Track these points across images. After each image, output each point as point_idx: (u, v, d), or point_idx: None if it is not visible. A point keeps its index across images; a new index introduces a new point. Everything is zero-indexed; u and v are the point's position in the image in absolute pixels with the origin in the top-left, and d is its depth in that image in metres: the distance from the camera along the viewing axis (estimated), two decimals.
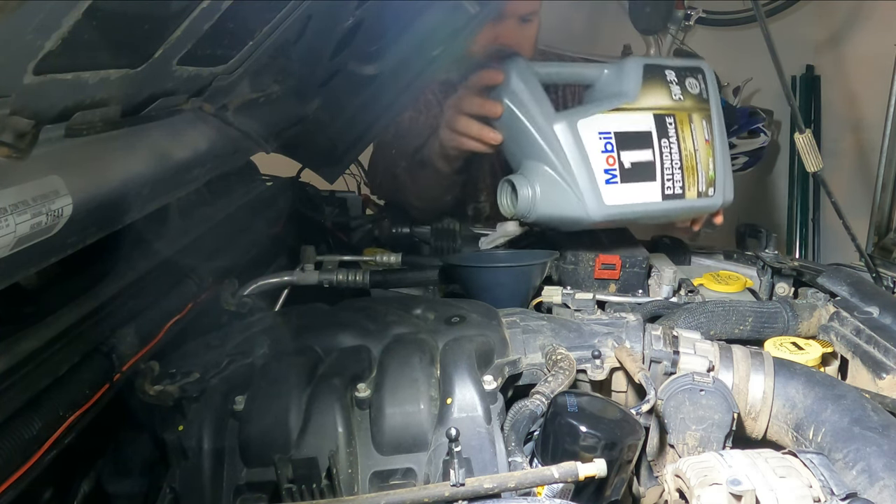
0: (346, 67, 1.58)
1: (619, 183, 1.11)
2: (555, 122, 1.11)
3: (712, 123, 1.21)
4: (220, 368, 0.85)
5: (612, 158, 1.10)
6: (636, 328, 0.93)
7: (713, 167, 1.20)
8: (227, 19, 0.80)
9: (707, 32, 3.25)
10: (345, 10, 1.25)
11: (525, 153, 1.16)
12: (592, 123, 1.11)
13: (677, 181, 1.15)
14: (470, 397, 0.77)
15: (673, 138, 1.15)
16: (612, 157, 1.10)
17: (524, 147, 1.15)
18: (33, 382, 0.71)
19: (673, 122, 1.16)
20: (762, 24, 1.24)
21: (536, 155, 1.13)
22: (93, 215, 0.74)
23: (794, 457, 0.71)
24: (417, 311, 0.98)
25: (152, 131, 0.90)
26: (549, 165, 1.10)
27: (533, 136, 1.12)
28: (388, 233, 1.66)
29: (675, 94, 1.18)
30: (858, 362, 0.98)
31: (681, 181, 1.16)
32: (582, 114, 1.12)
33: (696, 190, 1.17)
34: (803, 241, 3.39)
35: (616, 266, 1.22)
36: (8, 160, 0.60)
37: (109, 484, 0.87)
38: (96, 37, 0.60)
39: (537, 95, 1.14)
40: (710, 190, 1.19)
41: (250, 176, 1.70)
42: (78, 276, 0.91)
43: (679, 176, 1.16)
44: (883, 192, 2.16)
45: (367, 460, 0.76)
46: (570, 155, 1.09)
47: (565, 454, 0.73)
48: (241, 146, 1.21)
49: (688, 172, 1.16)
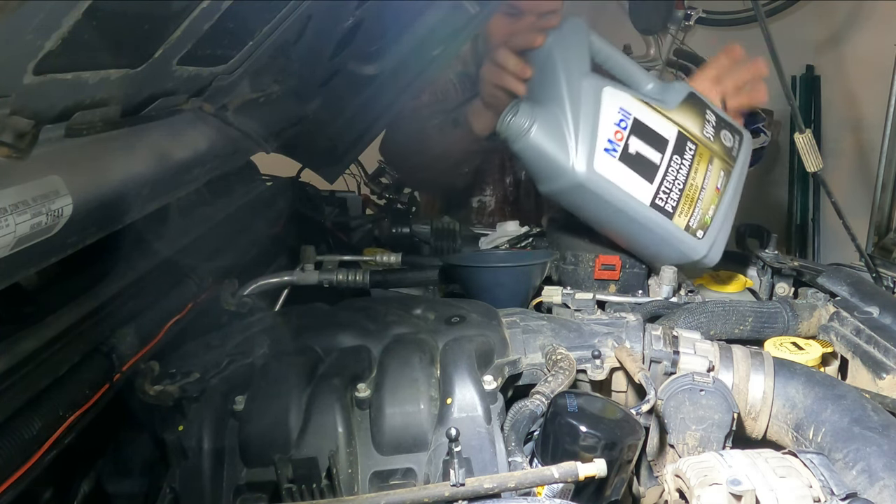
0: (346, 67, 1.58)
1: (616, 159, 1.09)
2: (584, 77, 1.13)
3: (729, 180, 1.19)
4: (220, 368, 0.85)
5: (620, 134, 1.10)
6: (636, 328, 0.93)
7: (712, 215, 1.16)
8: (227, 19, 0.80)
9: (707, 32, 3.25)
10: (345, 10, 1.25)
11: (544, 96, 1.16)
12: (619, 97, 1.12)
13: (672, 199, 1.12)
14: (470, 397, 0.77)
15: (686, 162, 1.13)
16: (620, 134, 1.10)
17: (546, 90, 1.17)
18: (33, 382, 0.71)
19: (693, 150, 1.14)
20: (762, 24, 1.24)
21: (553, 99, 1.13)
22: (93, 215, 0.74)
23: (794, 457, 0.71)
24: (417, 311, 0.98)
25: (152, 131, 0.90)
26: (561, 112, 1.11)
27: (559, 82, 1.13)
28: (388, 233, 1.66)
29: (708, 132, 1.17)
30: (858, 362, 0.98)
31: (675, 202, 1.12)
32: (613, 85, 1.14)
33: (686, 221, 1.13)
34: (803, 241, 3.39)
35: (616, 266, 1.22)
36: (8, 160, 0.60)
37: (109, 484, 0.87)
38: (96, 37, 0.60)
39: (580, 51, 1.16)
40: (699, 232, 1.15)
41: (250, 176, 1.70)
42: (78, 276, 0.91)
43: (676, 197, 1.12)
44: (883, 192, 2.16)
45: (367, 460, 0.76)
46: (583, 109, 1.10)
47: (565, 454, 0.73)
48: (241, 146, 1.21)
49: (685, 200, 1.13)
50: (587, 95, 1.11)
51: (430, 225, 1.61)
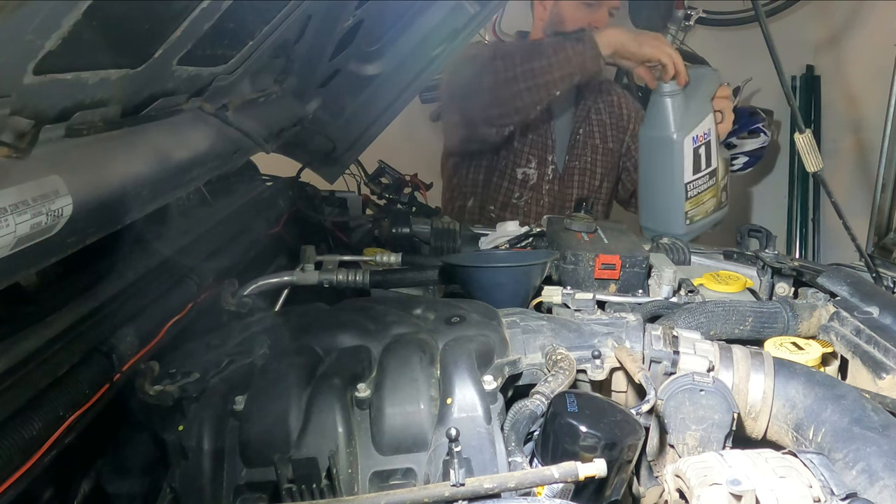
0: (346, 67, 1.58)
1: (692, 147, 1.73)
2: (707, 101, 1.75)
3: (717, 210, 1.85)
4: (220, 368, 0.84)
5: (700, 139, 1.74)
6: (636, 328, 0.93)
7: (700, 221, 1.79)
8: (227, 19, 0.80)
9: (707, 32, 3.25)
10: (345, 10, 1.25)
11: (688, 92, 1.74)
12: (711, 122, 1.76)
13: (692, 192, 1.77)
14: (470, 397, 0.77)
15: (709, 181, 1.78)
16: (701, 139, 1.74)
17: (690, 91, 1.74)
18: (33, 382, 0.71)
19: (714, 179, 1.79)
20: (762, 24, 1.24)
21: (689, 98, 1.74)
22: (93, 215, 0.74)
23: (794, 457, 0.71)
24: (417, 311, 0.98)
25: (152, 131, 0.90)
26: (688, 105, 1.73)
27: (697, 94, 1.73)
28: (388, 233, 1.66)
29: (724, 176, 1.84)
30: (858, 362, 0.98)
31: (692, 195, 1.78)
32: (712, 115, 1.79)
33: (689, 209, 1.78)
34: (803, 241, 3.39)
35: (616, 266, 1.23)
36: (8, 160, 0.60)
37: (109, 484, 0.87)
38: (96, 37, 0.60)
39: (712, 86, 1.75)
40: (688, 222, 1.77)
41: (250, 176, 1.71)
42: (78, 276, 0.91)
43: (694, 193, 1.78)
44: (883, 192, 2.16)
45: (367, 460, 0.76)
46: (698, 114, 1.73)
47: (565, 454, 0.73)
48: (241, 146, 1.21)
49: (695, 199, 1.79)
50: (703, 110, 1.73)
51: (430, 225, 1.61)
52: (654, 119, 1.77)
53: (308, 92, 1.56)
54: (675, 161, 1.72)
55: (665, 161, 1.74)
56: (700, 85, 1.75)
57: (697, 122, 1.72)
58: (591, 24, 2.06)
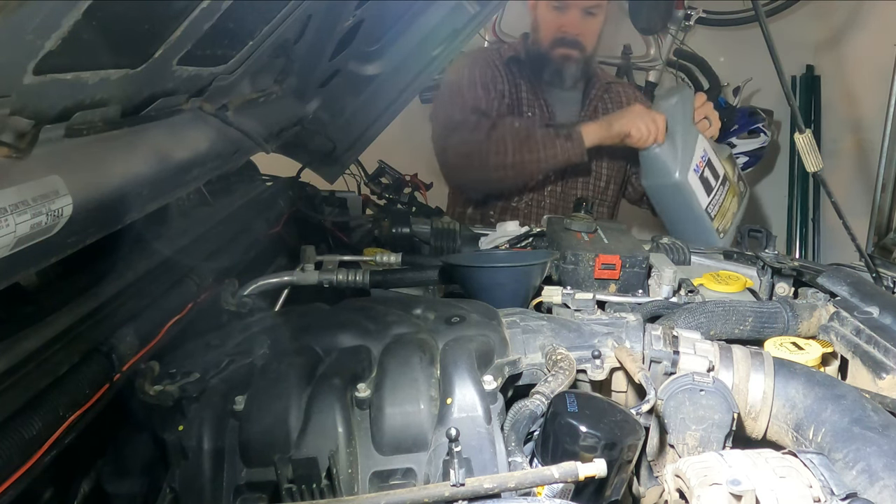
0: (346, 67, 1.58)
1: (697, 177, 1.86)
2: (690, 126, 1.87)
3: (738, 209, 2.03)
4: (220, 368, 0.84)
5: (701, 164, 1.88)
6: (636, 328, 0.93)
7: (727, 226, 1.95)
8: (227, 19, 0.80)
9: (707, 32, 3.25)
10: (345, 10, 1.25)
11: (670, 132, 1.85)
12: (704, 143, 1.89)
13: (712, 209, 1.91)
14: (470, 397, 0.77)
15: (724, 191, 1.95)
16: (701, 164, 1.88)
17: (671, 129, 1.84)
18: (33, 382, 0.71)
19: (727, 186, 1.97)
20: (762, 24, 1.24)
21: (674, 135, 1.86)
22: (93, 215, 0.74)
23: (794, 457, 0.71)
24: (417, 311, 0.98)
25: (152, 131, 0.90)
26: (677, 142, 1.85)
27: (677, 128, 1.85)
28: (388, 233, 1.66)
29: (734, 176, 2.02)
30: (858, 362, 0.98)
31: (715, 212, 1.92)
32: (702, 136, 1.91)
33: (717, 225, 1.92)
34: (803, 241, 3.39)
35: (616, 266, 1.23)
36: (8, 160, 0.60)
37: (109, 484, 0.87)
38: (96, 37, 0.60)
39: (689, 110, 1.89)
40: (721, 234, 1.91)
41: (250, 176, 1.71)
42: (78, 276, 0.91)
43: (714, 210, 1.92)
44: (883, 192, 2.15)
45: (367, 460, 0.76)
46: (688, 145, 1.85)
47: (565, 454, 0.73)
48: (241, 146, 1.21)
49: (720, 213, 1.93)
50: (691, 138, 1.83)
51: (430, 225, 1.61)
52: (651, 171, 1.86)
53: (308, 92, 1.56)
54: (688, 199, 1.83)
55: (678, 202, 1.85)
56: (678, 116, 1.81)
57: (692, 153, 1.81)
58: (561, 27, 2.04)
